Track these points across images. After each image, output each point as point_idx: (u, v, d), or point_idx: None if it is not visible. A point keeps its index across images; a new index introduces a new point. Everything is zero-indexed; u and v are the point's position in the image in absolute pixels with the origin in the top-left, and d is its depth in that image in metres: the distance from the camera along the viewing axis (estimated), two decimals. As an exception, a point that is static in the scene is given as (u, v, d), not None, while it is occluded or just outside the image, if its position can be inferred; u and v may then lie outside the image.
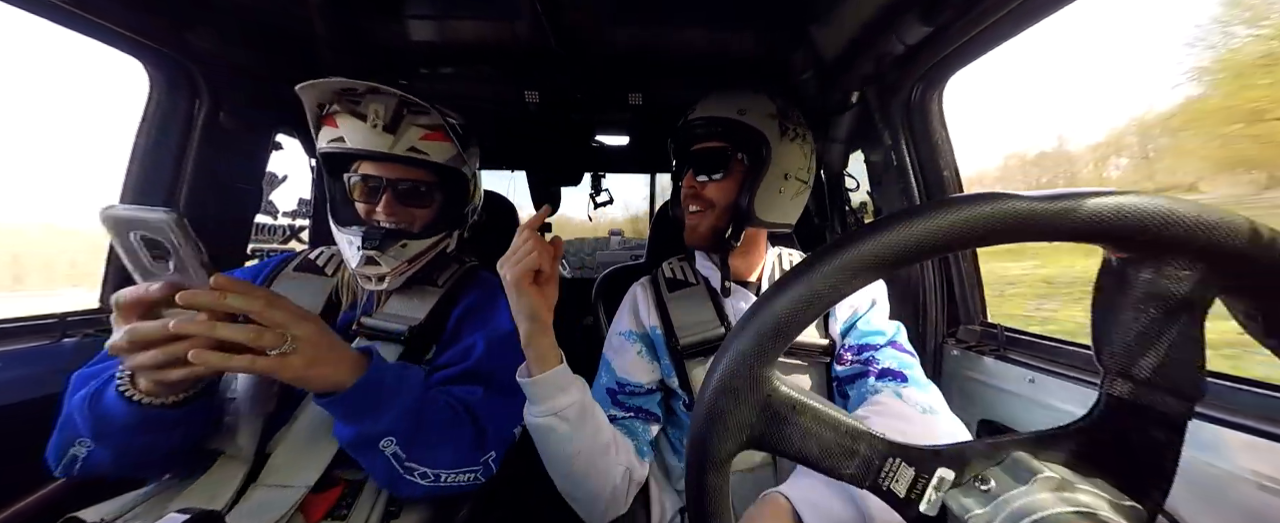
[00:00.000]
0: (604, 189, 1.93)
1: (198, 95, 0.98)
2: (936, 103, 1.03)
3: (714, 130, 0.79)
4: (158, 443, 0.56)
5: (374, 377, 0.58)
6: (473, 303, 0.83)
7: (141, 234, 0.46)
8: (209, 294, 0.47)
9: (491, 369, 0.74)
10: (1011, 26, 0.81)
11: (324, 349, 0.55)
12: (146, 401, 0.52)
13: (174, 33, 0.89)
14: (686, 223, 0.83)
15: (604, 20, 0.98)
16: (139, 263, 0.48)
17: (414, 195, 0.77)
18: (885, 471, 0.29)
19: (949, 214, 0.26)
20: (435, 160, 0.75)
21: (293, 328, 0.52)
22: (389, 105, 0.72)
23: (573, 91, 1.26)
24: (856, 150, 1.25)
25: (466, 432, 0.65)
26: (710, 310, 0.81)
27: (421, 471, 0.61)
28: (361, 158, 0.75)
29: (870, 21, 0.92)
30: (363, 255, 0.72)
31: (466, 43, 1.07)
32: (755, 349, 0.28)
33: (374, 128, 0.71)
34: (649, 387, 0.80)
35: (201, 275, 0.47)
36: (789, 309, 0.27)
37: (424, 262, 0.78)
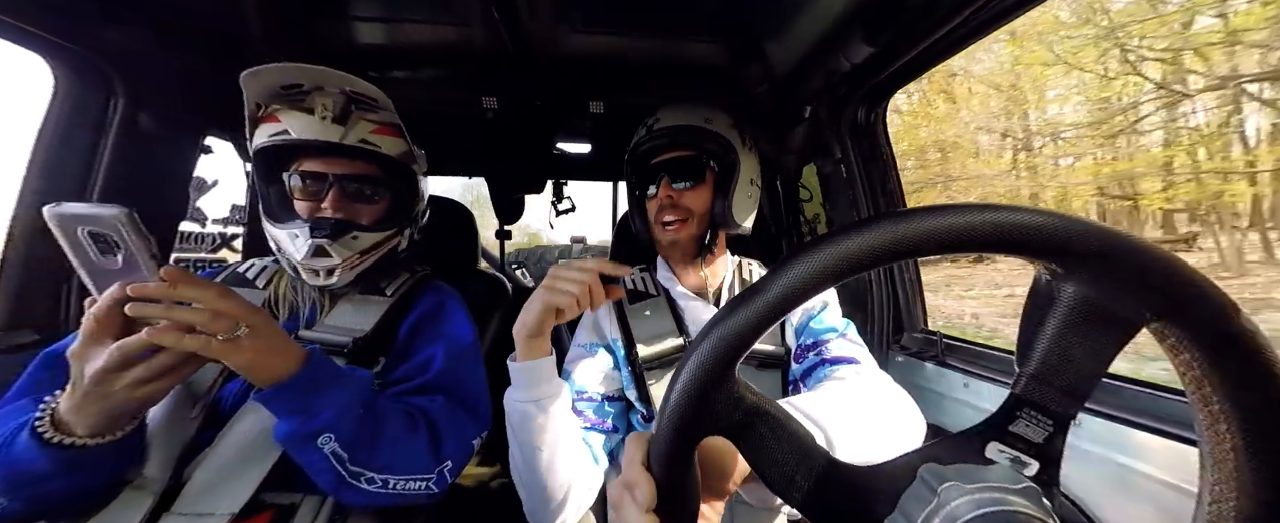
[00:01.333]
0: (567, 197, 1.91)
1: (113, 94, 0.90)
2: (880, 119, 1.09)
3: (684, 139, 0.81)
4: (84, 484, 0.52)
5: (313, 370, 0.56)
6: (425, 312, 0.79)
7: (89, 230, 0.47)
8: (161, 286, 0.47)
9: (451, 381, 0.72)
10: (947, 49, 0.87)
11: (273, 339, 0.54)
12: (81, 442, 0.48)
13: (84, 28, 0.81)
14: (664, 236, 0.83)
15: (561, 27, 0.97)
16: (86, 259, 0.48)
17: (362, 192, 0.74)
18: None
19: (895, 227, 0.27)
20: (387, 154, 0.72)
21: (244, 317, 0.51)
22: (338, 100, 0.69)
23: (532, 99, 1.25)
24: (810, 163, 1.30)
25: (421, 438, 0.63)
26: (669, 320, 0.82)
27: (369, 475, 0.58)
28: (308, 151, 0.71)
29: (819, 40, 0.96)
30: (312, 245, 0.67)
31: (419, 47, 1.04)
32: (715, 360, 0.28)
33: (323, 120, 0.68)
34: (609, 396, 0.80)
35: (152, 268, 0.48)
36: (746, 321, 0.28)
37: (375, 258, 0.75)
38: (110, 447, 0.50)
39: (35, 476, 0.49)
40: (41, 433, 0.48)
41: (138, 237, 0.47)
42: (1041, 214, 0.27)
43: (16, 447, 0.48)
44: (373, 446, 0.59)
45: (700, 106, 0.84)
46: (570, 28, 0.98)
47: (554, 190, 1.89)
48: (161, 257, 0.49)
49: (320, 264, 0.69)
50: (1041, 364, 0.29)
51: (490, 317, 1.04)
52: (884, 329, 1.10)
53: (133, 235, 0.47)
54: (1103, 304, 0.27)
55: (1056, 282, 0.29)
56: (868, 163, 1.11)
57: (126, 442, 0.52)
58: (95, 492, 0.56)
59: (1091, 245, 0.26)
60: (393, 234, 0.76)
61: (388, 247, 0.76)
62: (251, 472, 0.61)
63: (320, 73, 0.68)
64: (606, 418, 0.79)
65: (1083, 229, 0.26)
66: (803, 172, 1.36)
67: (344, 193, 0.72)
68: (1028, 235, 0.26)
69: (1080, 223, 0.26)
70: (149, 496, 0.58)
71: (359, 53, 1.06)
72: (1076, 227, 0.26)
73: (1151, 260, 0.26)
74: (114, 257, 0.48)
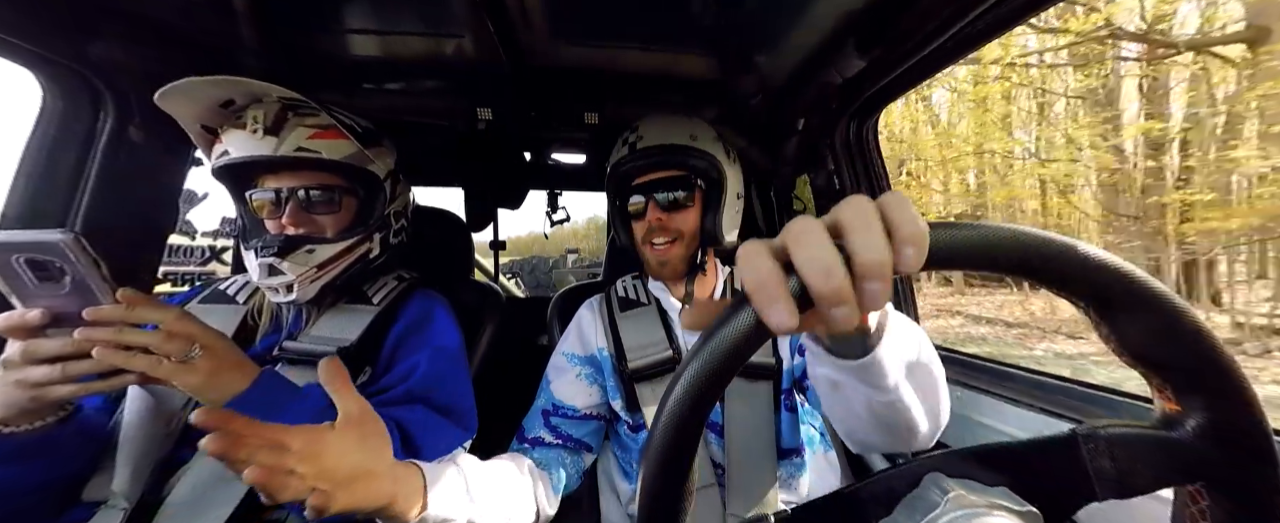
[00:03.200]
0: (561, 207, 1.91)
1: (102, 108, 0.89)
2: (872, 132, 1.10)
3: (670, 159, 0.79)
4: (20, 477, 0.52)
5: (263, 389, 0.55)
6: (412, 321, 0.78)
7: (27, 257, 0.45)
8: (117, 309, 0.48)
9: (431, 388, 0.70)
10: (938, 62, 0.88)
11: (228, 363, 0.54)
12: (4, 431, 0.50)
13: (73, 42, 0.80)
14: (654, 255, 0.81)
15: (555, 39, 0.98)
16: (23, 288, 0.47)
17: (318, 202, 0.72)
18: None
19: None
20: (329, 158, 0.69)
21: (200, 340, 0.52)
22: (270, 109, 0.67)
23: (526, 110, 1.25)
24: (803, 174, 1.31)
25: (395, 452, 0.61)
26: (660, 332, 0.81)
27: None
28: (256, 168, 0.70)
29: (811, 53, 0.97)
30: (262, 265, 0.66)
31: (412, 59, 1.04)
32: (707, 376, 0.28)
33: (254, 134, 0.66)
34: (585, 412, 0.79)
35: (105, 291, 0.47)
36: (737, 336, 0.27)
37: (339, 269, 0.72)
38: (31, 437, 0.51)
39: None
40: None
41: (86, 260, 0.45)
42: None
43: None
44: None
45: (684, 121, 0.83)
46: (564, 40, 0.98)
47: (549, 200, 1.88)
48: (143, 269, 0.49)
49: (275, 282, 0.67)
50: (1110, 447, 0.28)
51: (482, 327, 1.03)
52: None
53: (81, 258, 0.45)
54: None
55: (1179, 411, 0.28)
56: (859, 175, 1.12)
57: (50, 436, 0.53)
58: (43, 487, 0.56)
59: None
60: (357, 241, 0.74)
61: (354, 255, 0.74)
62: (231, 490, 0.60)
63: (241, 84, 0.65)
64: (585, 436, 0.78)
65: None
66: (796, 182, 1.37)
67: (300, 205, 0.70)
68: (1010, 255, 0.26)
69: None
70: (118, 513, 0.57)
71: (352, 65, 1.06)
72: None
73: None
74: (58, 283, 0.46)
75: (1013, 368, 0.85)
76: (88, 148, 0.89)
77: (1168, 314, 0.25)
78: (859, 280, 0.24)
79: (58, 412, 0.53)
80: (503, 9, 0.83)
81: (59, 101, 0.86)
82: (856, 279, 0.24)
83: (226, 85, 0.65)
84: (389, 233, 0.80)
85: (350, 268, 0.74)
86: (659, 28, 0.96)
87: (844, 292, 0.24)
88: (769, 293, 0.24)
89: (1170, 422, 0.28)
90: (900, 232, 0.24)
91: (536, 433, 0.77)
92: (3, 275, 0.46)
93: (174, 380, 0.51)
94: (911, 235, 0.24)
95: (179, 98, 0.64)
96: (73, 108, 0.87)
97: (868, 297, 0.24)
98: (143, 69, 0.90)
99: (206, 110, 0.68)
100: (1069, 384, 0.76)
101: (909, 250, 0.24)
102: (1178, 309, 0.25)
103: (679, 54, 1.05)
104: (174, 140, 1.05)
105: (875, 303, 0.24)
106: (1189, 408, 0.27)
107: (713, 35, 0.99)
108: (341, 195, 0.74)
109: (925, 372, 0.45)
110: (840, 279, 0.24)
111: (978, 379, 0.88)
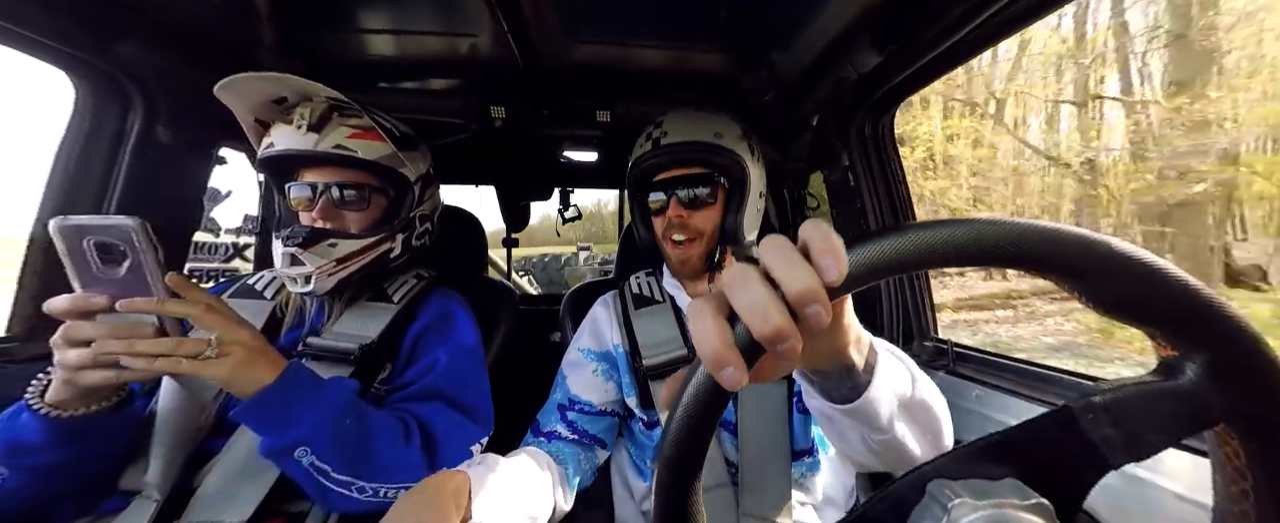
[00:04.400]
0: (573, 205, 1.92)
1: (130, 108, 0.92)
2: (888, 127, 1.08)
3: (694, 156, 0.78)
4: (71, 459, 0.54)
5: (287, 384, 0.57)
6: (431, 320, 0.79)
7: (97, 240, 0.48)
8: (148, 301, 0.50)
9: (450, 384, 0.72)
10: (956, 57, 0.86)
11: (255, 355, 0.56)
12: (55, 413, 0.52)
13: (104, 43, 0.83)
14: (674, 252, 0.81)
15: (569, 38, 0.98)
16: (86, 270, 0.50)
17: (349, 199, 0.74)
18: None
19: (900, 238, 0.26)
20: (364, 157, 0.72)
21: (226, 334, 0.54)
22: (317, 108, 0.71)
23: (540, 108, 1.26)
24: (817, 170, 1.30)
25: (414, 447, 0.63)
26: (675, 329, 0.81)
27: (359, 484, 0.58)
28: (299, 161, 0.73)
29: (826, 48, 0.96)
30: (285, 254, 0.69)
31: (427, 58, 1.05)
32: (688, 440, 0.28)
33: (298, 129, 0.69)
34: (601, 408, 0.79)
35: (157, 276, 0.50)
36: (701, 401, 0.27)
37: (358, 265, 0.74)
38: (86, 420, 0.54)
39: (27, 446, 0.53)
40: (30, 402, 0.53)
41: (149, 246, 0.49)
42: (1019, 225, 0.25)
43: (18, 420, 0.54)
44: (360, 457, 0.59)
45: (709, 117, 0.81)
46: (577, 38, 0.98)
47: (561, 198, 1.89)
48: (167, 265, 0.51)
49: (295, 272, 0.70)
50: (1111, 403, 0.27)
51: (496, 324, 1.05)
52: (893, 338, 1.09)
53: (144, 244, 0.49)
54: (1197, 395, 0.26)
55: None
56: (875, 171, 1.10)
57: (104, 420, 0.55)
58: (88, 470, 0.58)
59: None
60: (380, 240, 0.75)
61: (375, 253, 0.75)
62: (259, 480, 0.62)
63: (291, 81, 0.68)
64: (600, 433, 0.79)
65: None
66: (810, 179, 1.35)
67: (331, 200, 0.73)
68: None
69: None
70: (151, 503, 0.59)
71: (368, 65, 1.07)
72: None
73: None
74: (118, 267, 0.49)
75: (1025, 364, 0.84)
76: (117, 147, 0.92)
77: (1140, 273, 0.24)
78: (798, 308, 0.25)
79: (109, 398, 0.56)
80: (516, 7, 0.83)
81: (91, 102, 0.88)
82: (796, 308, 0.25)
83: (281, 83, 0.68)
84: (412, 235, 0.82)
85: (370, 265, 0.76)
86: (671, 25, 0.95)
87: (784, 330, 0.24)
88: (717, 355, 0.25)
89: (1170, 369, 0.26)
90: (813, 249, 0.25)
91: (552, 427, 0.77)
92: (72, 258, 0.49)
93: (202, 373, 0.53)
94: (822, 250, 0.25)
95: (237, 90, 0.68)
96: (103, 108, 0.90)
97: (811, 320, 0.25)
98: (168, 70, 0.93)
99: (261, 105, 0.72)
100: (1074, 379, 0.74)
101: (827, 261, 0.25)
102: (1148, 265, 0.24)
103: (691, 51, 1.05)
104: (198, 139, 1.08)
105: (819, 323, 0.25)
106: (1186, 351, 0.26)
107: (726, 31, 0.98)
108: (372, 194, 0.76)
109: (922, 408, 0.45)
110: (777, 318, 0.24)
111: (989, 375, 0.86)
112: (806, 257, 0.25)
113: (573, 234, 1.62)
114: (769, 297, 0.25)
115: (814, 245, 0.25)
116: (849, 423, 0.40)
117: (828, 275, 0.25)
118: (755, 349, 0.25)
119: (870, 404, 0.38)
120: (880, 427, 0.40)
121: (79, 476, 0.57)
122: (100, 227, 0.48)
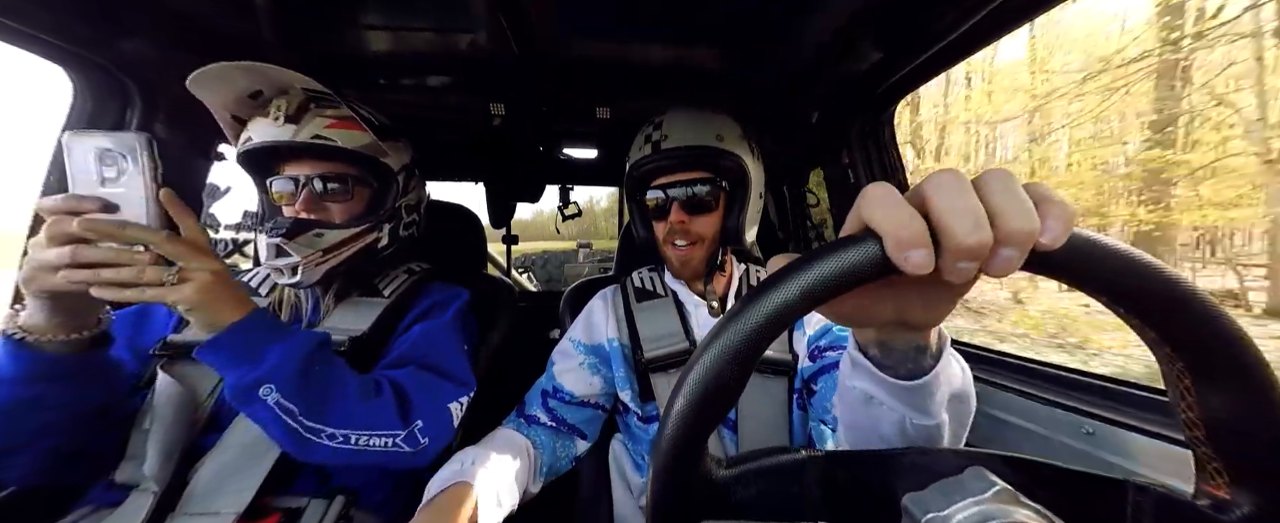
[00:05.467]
0: (572, 202, 1.91)
1: (129, 104, 0.91)
2: (888, 124, 1.08)
3: (697, 160, 0.76)
4: (39, 400, 0.54)
5: (249, 323, 0.57)
6: (422, 312, 0.80)
7: (101, 147, 0.50)
8: (108, 221, 0.50)
9: (423, 351, 0.73)
10: (957, 53, 0.86)
11: (219, 283, 0.55)
12: (31, 338, 0.52)
13: (103, 39, 0.83)
14: (676, 255, 0.80)
15: (568, 33, 0.98)
16: (86, 180, 0.50)
17: (332, 190, 0.74)
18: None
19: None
20: (343, 146, 0.71)
21: (189, 261, 0.53)
22: (294, 99, 0.70)
23: (539, 105, 1.25)
24: (817, 167, 1.30)
25: (385, 400, 0.63)
26: (677, 323, 0.81)
27: (328, 431, 0.58)
28: (278, 154, 0.73)
29: (827, 45, 0.95)
30: (271, 245, 0.68)
31: (427, 54, 1.05)
32: (724, 362, 0.27)
33: (275, 121, 0.69)
34: (582, 399, 0.80)
35: (152, 191, 0.51)
36: (851, 265, 0.26)
37: (345, 255, 0.74)
38: (66, 353, 0.54)
39: (4, 375, 0.52)
40: (6, 330, 0.53)
41: (149, 161, 0.50)
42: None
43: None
44: (325, 400, 0.59)
45: (711, 118, 0.80)
46: (576, 33, 0.98)
47: (561, 195, 1.89)
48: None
49: (282, 263, 0.69)
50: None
51: (495, 321, 1.05)
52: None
53: (145, 160, 0.50)
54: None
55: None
56: (876, 168, 1.10)
57: (79, 358, 0.55)
58: (60, 419, 0.56)
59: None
60: (366, 230, 0.75)
61: (361, 243, 0.75)
62: (253, 472, 0.62)
63: (264, 70, 0.67)
64: (578, 423, 0.79)
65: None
66: (809, 176, 1.35)
67: (314, 192, 0.73)
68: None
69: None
70: (149, 496, 0.60)
71: (368, 61, 1.07)
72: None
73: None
74: (116, 179, 0.51)
75: (1031, 363, 0.84)
76: (116, 143, 0.92)
77: (1267, 398, 0.23)
78: (998, 244, 0.23)
79: (85, 328, 0.55)
80: (515, 3, 0.83)
81: (88, 98, 0.88)
82: (996, 243, 0.23)
83: (254, 73, 0.67)
84: (399, 225, 0.82)
85: (357, 256, 0.76)
86: (671, 21, 0.95)
87: (985, 247, 0.22)
88: (910, 235, 0.23)
89: (1219, 507, 0.26)
90: (1044, 203, 0.23)
91: (534, 411, 0.78)
92: (78, 168, 0.50)
93: (164, 300, 0.52)
94: (1058, 211, 0.23)
95: (210, 83, 0.67)
96: (102, 104, 0.89)
97: (1000, 263, 0.23)
98: (167, 66, 0.92)
99: (236, 100, 0.71)
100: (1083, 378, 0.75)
101: (1056, 223, 0.23)
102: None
103: (691, 47, 1.05)
104: (197, 136, 1.07)
105: (1008, 268, 0.23)
106: (1240, 499, 0.26)
107: (726, 27, 0.98)
108: (354, 184, 0.76)
109: (963, 402, 0.43)
110: (988, 234, 0.22)
111: (990, 373, 0.86)
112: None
113: (566, 231, 1.63)
114: (982, 209, 0.23)
115: (1047, 201, 0.23)
116: (897, 404, 0.38)
117: (1049, 233, 0.23)
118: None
119: (931, 386, 0.36)
120: (929, 411, 0.38)
121: (41, 426, 0.55)
122: (108, 137, 0.50)
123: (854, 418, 0.44)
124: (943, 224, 0.23)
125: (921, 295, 0.32)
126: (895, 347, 0.37)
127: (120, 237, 0.50)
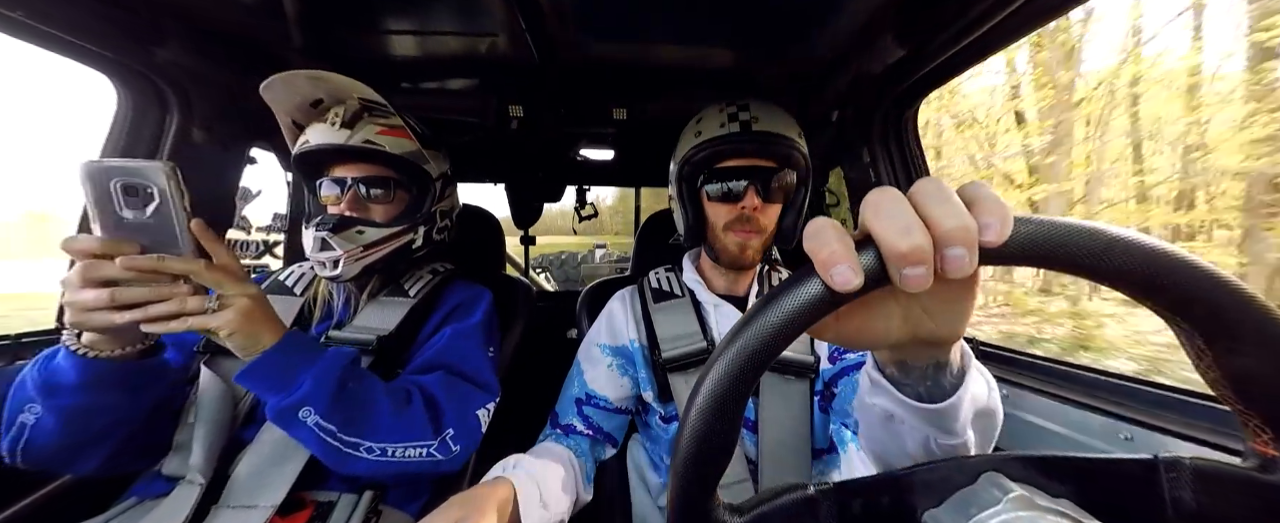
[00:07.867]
0: (589, 203, 1.92)
1: (168, 110, 0.96)
2: (911, 122, 1.06)
3: (781, 151, 0.74)
4: (102, 405, 0.56)
5: (283, 348, 0.59)
6: (448, 311, 0.83)
7: (123, 182, 0.48)
8: (149, 260, 0.50)
9: (451, 356, 0.75)
10: (984, 49, 0.84)
11: (258, 310, 0.57)
12: (91, 354, 0.54)
13: (143, 47, 0.87)
14: (737, 239, 0.76)
15: (586, 35, 0.98)
16: (110, 213, 0.49)
17: (375, 193, 0.78)
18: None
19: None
20: (390, 151, 0.76)
21: (228, 289, 0.55)
22: (350, 107, 0.75)
23: (557, 106, 1.26)
24: (837, 166, 1.28)
25: (416, 409, 0.65)
26: (695, 323, 0.81)
27: (367, 445, 0.60)
28: (331, 157, 0.77)
29: (847, 42, 0.94)
30: (317, 239, 0.73)
31: (448, 58, 1.07)
32: (740, 367, 0.27)
33: (332, 126, 0.74)
34: (617, 405, 0.80)
35: (183, 221, 0.50)
36: (772, 329, 0.26)
37: (383, 252, 0.78)
38: (118, 362, 0.55)
39: (62, 385, 0.54)
40: (66, 343, 0.55)
41: (176, 190, 0.49)
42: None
43: (57, 356, 0.56)
44: (364, 417, 0.61)
45: (787, 112, 0.78)
46: (595, 36, 0.99)
47: (577, 196, 1.90)
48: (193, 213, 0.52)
49: (324, 256, 0.74)
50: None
51: (514, 320, 1.06)
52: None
53: (173, 189, 0.48)
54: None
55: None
56: (897, 167, 1.08)
57: (133, 368, 0.57)
58: (116, 421, 0.59)
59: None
60: (403, 230, 0.79)
61: (398, 242, 0.79)
62: (288, 466, 0.65)
63: (329, 79, 0.72)
64: (612, 429, 0.79)
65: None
66: (829, 176, 1.33)
67: (359, 193, 0.77)
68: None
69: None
70: (196, 488, 0.62)
71: (391, 65, 1.10)
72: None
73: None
74: (143, 211, 0.49)
75: (1062, 364, 0.81)
76: (156, 147, 0.96)
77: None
78: (941, 247, 0.23)
79: (140, 341, 0.57)
80: (534, 5, 0.84)
81: (131, 105, 0.92)
82: (939, 245, 0.23)
83: (319, 81, 0.72)
84: (433, 229, 0.86)
85: (394, 254, 0.80)
86: (689, 20, 0.95)
87: (922, 250, 0.23)
88: (831, 253, 0.24)
89: (1268, 466, 0.25)
90: (978, 203, 0.24)
91: (569, 420, 0.79)
92: (97, 201, 0.48)
93: (205, 327, 0.54)
94: (990, 207, 0.23)
95: (280, 88, 0.72)
96: (144, 110, 0.94)
97: (951, 262, 0.23)
98: (202, 73, 0.96)
99: (298, 107, 0.76)
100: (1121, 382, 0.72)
101: (991, 219, 0.23)
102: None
103: (709, 47, 1.04)
104: (231, 140, 1.11)
105: (961, 266, 0.23)
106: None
107: (744, 26, 0.97)
108: (396, 187, 0.80)
109: (988, 418, 0.42)
110: (919, 238, 0.23)
111: (1013, 373, 0.84)
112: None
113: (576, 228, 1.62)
114: (915, 217, 0.24)
115: (980, 200, 0.24)
116: (919, 424, 0.37)
117: (987, 233, 0.23)
118: (878, 275, 0.24)
119: (957, 407, 0.35)
120: (953, 431, 0.37)
121: (107, 425, 0.58)
122: (129, 169, 0.47)
123: (877, 434, 0.43)
124: (876, 235, 0.24)
125: (923, 306, 0.32)
126: (913, 365, 0.36)
127: (164, 270, 0.50)
